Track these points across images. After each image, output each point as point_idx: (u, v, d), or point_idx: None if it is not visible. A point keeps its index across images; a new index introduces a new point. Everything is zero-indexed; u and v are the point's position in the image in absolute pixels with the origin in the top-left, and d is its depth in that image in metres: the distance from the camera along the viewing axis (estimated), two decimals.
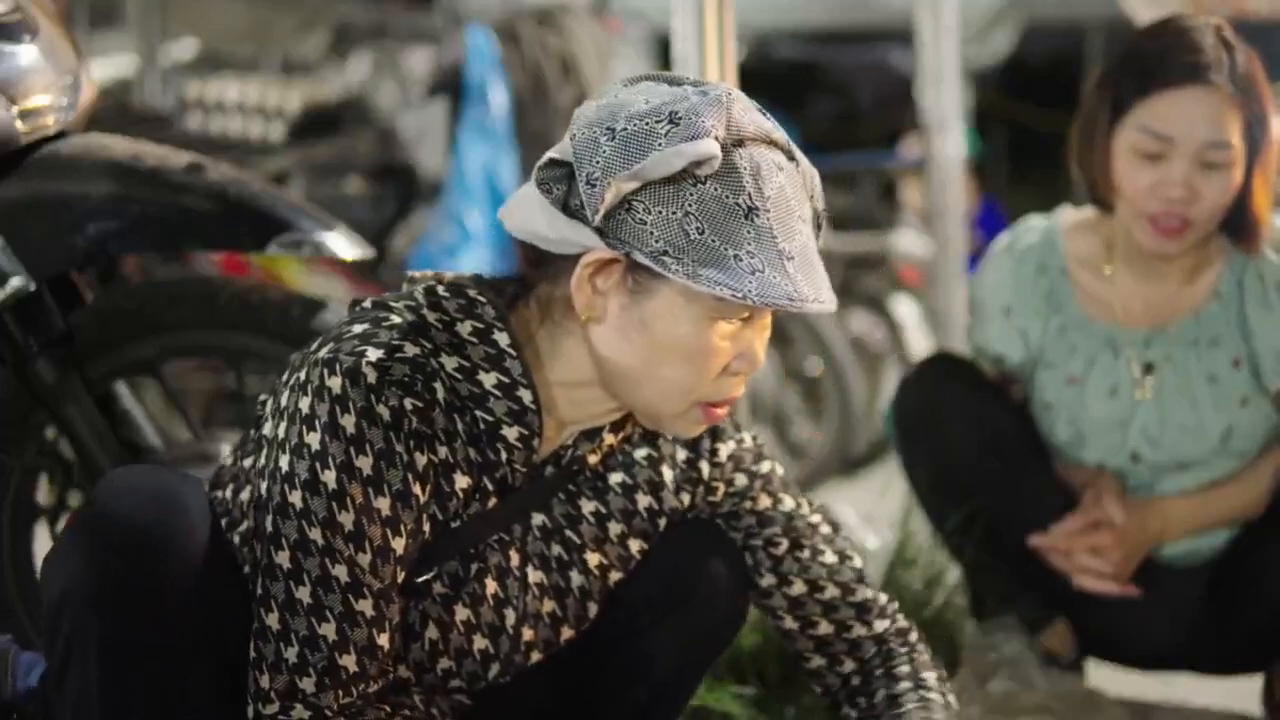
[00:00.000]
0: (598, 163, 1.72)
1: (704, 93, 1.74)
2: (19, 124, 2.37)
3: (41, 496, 2.66)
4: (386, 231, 5.17)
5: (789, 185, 1.75)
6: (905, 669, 2.03)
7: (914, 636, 2.07)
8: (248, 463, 1.91)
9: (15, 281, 2.36)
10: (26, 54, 2.39)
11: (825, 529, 2.03)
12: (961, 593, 2.86)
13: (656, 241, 1.71)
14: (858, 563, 2.04)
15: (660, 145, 1.70)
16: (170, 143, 2.63)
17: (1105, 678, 2.88)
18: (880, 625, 2.04)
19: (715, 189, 1.71)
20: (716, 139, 1.71)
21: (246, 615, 1.80)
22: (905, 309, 5.55)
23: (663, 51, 7.02)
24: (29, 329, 2.42)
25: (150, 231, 2.43)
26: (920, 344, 5.35)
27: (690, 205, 1.70)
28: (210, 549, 1.80)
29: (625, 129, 1.72)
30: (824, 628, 2.02)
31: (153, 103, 5.69)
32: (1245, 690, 2.79)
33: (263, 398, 1.94)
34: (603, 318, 1.78)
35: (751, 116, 1.75)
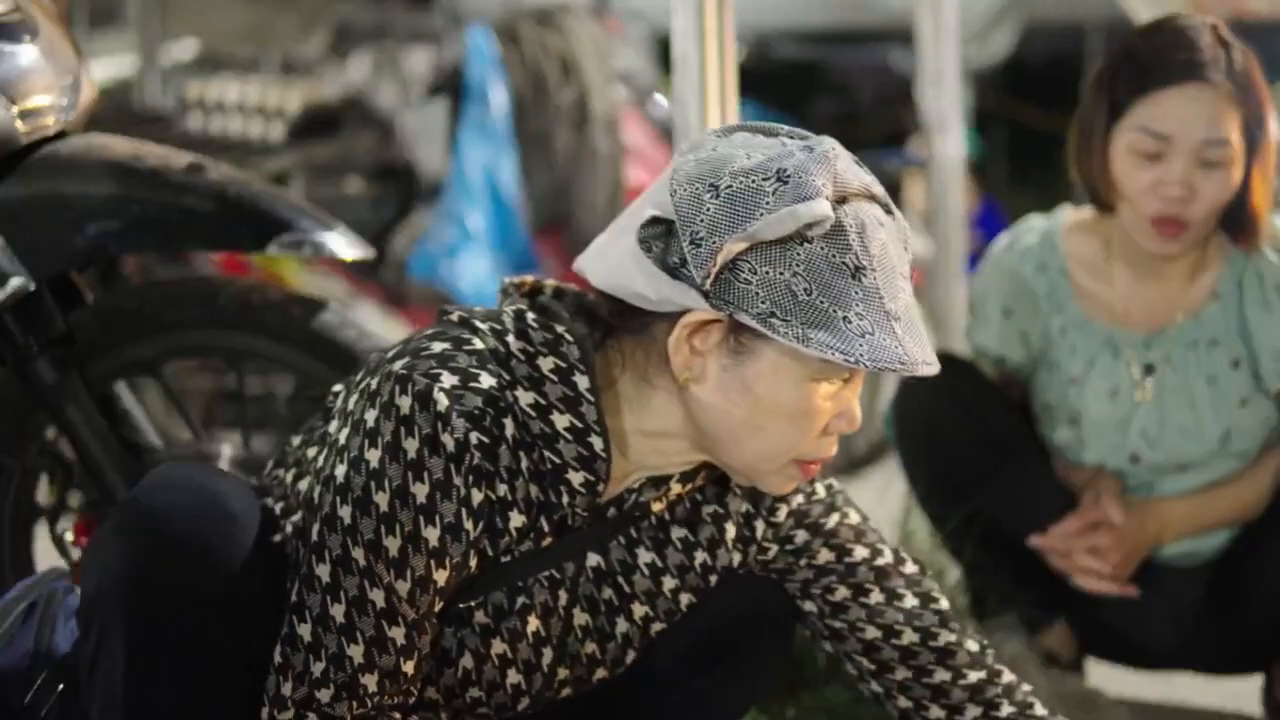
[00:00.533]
0: (702, 221, 1.67)
1: (810, 148, 1.70)
2: (19, 124, 2.36)
3: (41, 496, 2.66)
4: (386, 231, 5.16)
5: (891, 242, 1.71)
6: None
7: (1022, 693, 1.95)
8: (311, 452, 1.88)
9: (15, 281, 2.35)
10: (26, 54, 2.39)
11: (907, 570, 1.95)
12: (961, 593, 2.86)
13: (763, 303, 1.66)
14: (943, 605, 1.96)
15: (769, 204, 1.65)
16: (170, 143, 2.63)
17: (1105, 678, 2.88)
18: (974, 676, 1.93)
19: (822, 248, 1.66)
20: (827, 198, 1.66)
21: (276, 621, 1.79)
22: None
23: (663, 51, 7.02)
24: (29, 329, 2.42)
25: (150, 231, 2.43)
26: None
27: (798, 265, 1.66)
28: (251, 554, 1.77)
29: (730, 186, 1.67)
30: (901, 672, 1.93)
31: (153, 103, 5.68)
32: (1245, 690, 2.79)
33: (336, 388, 1.92)
34: (702, 378, 1.73)
35: (854, 171, 1.72)
